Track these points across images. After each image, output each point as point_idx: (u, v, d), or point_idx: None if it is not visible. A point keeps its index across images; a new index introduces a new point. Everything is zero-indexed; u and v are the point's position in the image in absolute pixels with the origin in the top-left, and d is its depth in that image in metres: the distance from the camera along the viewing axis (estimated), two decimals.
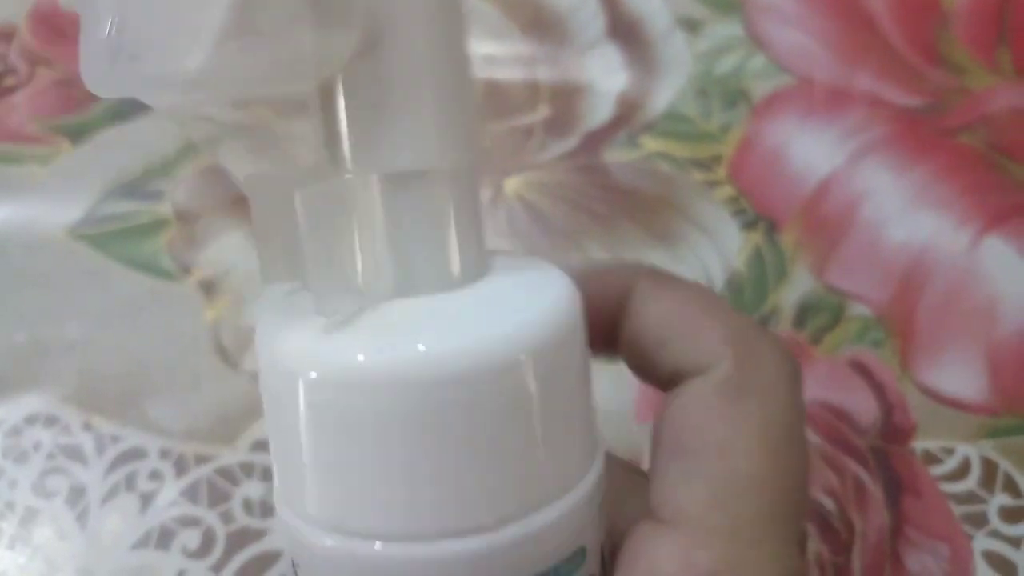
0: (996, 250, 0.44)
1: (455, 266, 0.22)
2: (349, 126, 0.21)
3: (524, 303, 0.21)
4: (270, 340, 0.21)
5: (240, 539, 0.39)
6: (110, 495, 0.39)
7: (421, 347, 0.19)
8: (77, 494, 0.40)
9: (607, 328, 0.25)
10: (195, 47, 0.17)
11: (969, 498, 0.39)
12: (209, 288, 0.44)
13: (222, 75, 0.18)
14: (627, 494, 0.24)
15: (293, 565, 0.21)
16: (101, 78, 0.18)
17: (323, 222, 0.20)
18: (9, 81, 0.50)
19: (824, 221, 0.46)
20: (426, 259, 0.21)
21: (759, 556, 0.21)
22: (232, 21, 0.17)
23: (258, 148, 0.21)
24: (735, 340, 0.23)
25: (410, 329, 0.20)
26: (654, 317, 0.24)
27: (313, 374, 0.20)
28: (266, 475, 0.40)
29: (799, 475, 0.23)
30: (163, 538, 0.39)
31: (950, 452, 0.40)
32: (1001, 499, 0.39)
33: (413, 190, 0.21)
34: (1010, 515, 0.39)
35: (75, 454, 0.40)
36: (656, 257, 0.45)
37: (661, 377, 0.24)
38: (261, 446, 0.40)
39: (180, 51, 0.17)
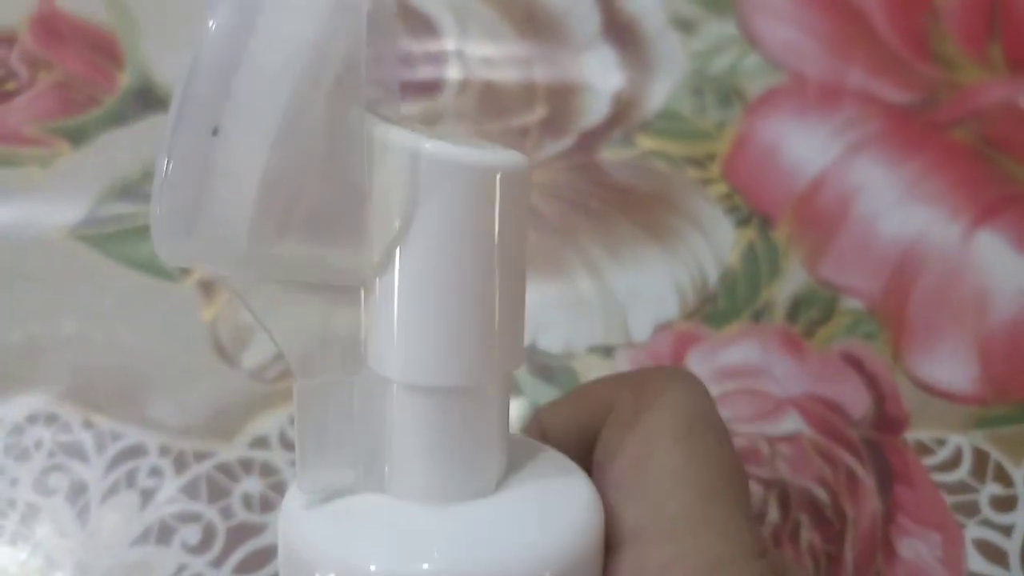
0: (987, 243, 0.44)
1: (473, 477, 0.22)
2: (372, 328, 0.21)
3: (544, 521, 0.21)
4: (285, 521, 0.22)
5: (240, 534, 0.39)
6: (111, 492, 0.40)
7: (425, 566, 0.20)
8: (78, 491, 0.40)
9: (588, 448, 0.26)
10: (235, 237, 0.18)
11: (961, 487, 0.40)
12: (207, 287, 0.44)
13: (264, 260, 0.19)
14: None
15: None
16: (167, 252, 0.19)
17: (320, 410, 0.21)
18: (10, 85, 0.50)
19: (817, 216, 0.46)
20: (441, 468, 0.21)
21: (704, 540, 0.22)
22: (261, 214, 0.18)
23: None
24: (623, 384, 0.25)
25: (422, 542, 0.20)
26: (564, 418, 0.26)
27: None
28: (265, 471, 0.40)
29: (719, 453, 0.24)
30: (163, 534, 0.39)
31: (942, 442, 0.41)
32: (992, 488, 0.40)
33: (431, 402, 0.21)
34: (1001, 504, 0.39)
35: (76, 451, 0.41)
36: (651, 253, 0.45)
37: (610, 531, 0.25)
38: (260, 442, 0.41)
39: (223, 238, 0.18)
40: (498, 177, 0.20)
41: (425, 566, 0.20)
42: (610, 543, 0.23)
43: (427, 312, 0.20)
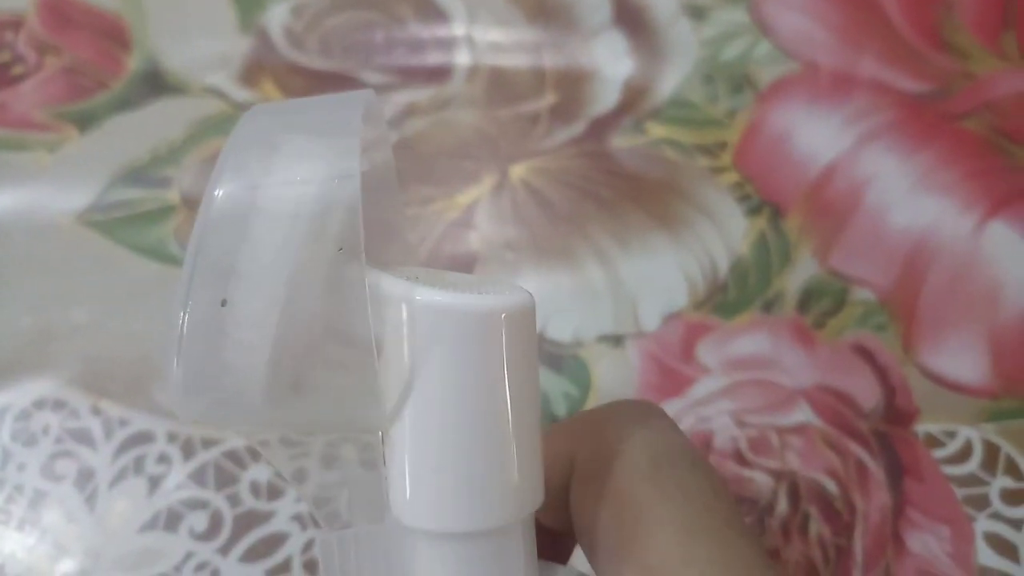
0: (1000, 234, 0.44)
1: None
2: (391, 476, 0.21)
3: None
4: None
5: (247, 521, 0.39)
6: (118, 478, 0.40)
7: None
8: (86, 477, 0.40)
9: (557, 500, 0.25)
10: (248, 400, 0.19)
11: (971, 480, 0.39)
12: None
13: (279, 419, 0.20)
14: None
15: None
16: (182, 409, 0.19)
17: (344, 561, 0.21)
18: (17, 70, 0.50)
19: (828, 206, 0.46)
20: None
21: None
22: (273, 379, 0.19)
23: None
24: (578, 434, 0.24)
25: None
26: (580, 525, 0.24)
27: None
28: None
29: (693, 482, 0.22)
30: (171, 520, 0.39)
31: (952, 435, 0.40)
32: (1003, 482, 0.39)
33: (452, 547, 0.21)
34: (1011, 497, 0.39)
35: (83, 438, 0.41)
36: (661, 242, 0.45)
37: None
38: None
39: (237, 401, 0.19)
40: (494, 320, 0.20)
41: None
42: None
43: (439, 458, 0.20)
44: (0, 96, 0.49)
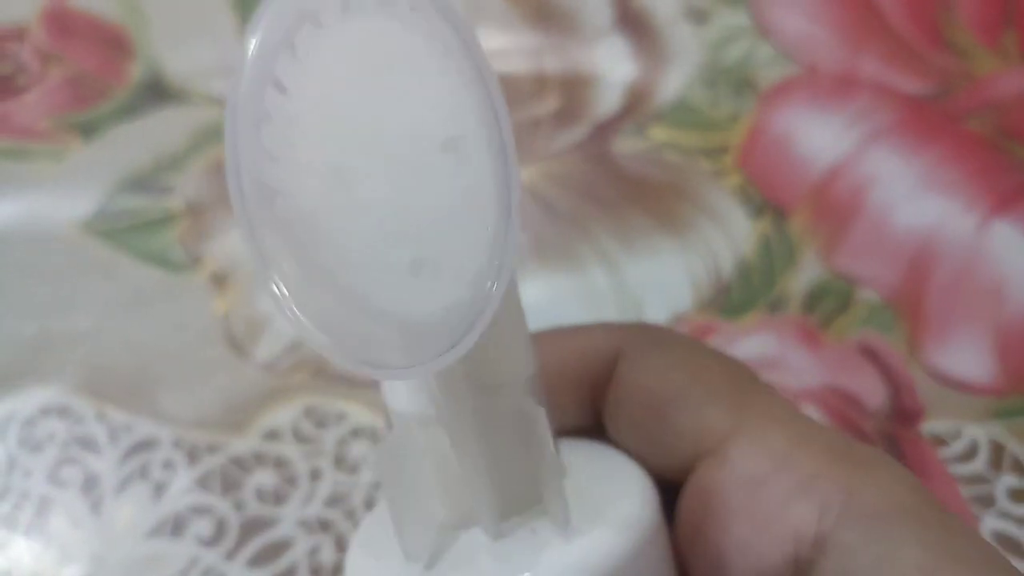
0: (1004, 233, 0.44)
1: (535, 488, 0.21)
2: None
3: (603, 533, 0.20)
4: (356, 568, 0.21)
5: (253, 526, 0.39)
6: (124, 484, 0.40)
7: None
8: (91, 483, 0.40)
9: (589, 391, 0.25)
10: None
11: (977, 479, 0.39)
12: (219, 280, 0.44)
13: None
14: None
15: None
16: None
17: (400, 469, 0.20)
18: (21, 80, 0.50)
19: (832, 207, 0.46)
20: (502, 487, 0.21)
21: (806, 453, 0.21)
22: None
23: None
24: (734, 420, 0.23)
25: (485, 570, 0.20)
26: (644, 384, 0.24)
27: None
28: (278, 464, 0.40)
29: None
30: (177, 526, 0.39)
31: (958, 434, 0.40)
32: (1009, 480, 0.39)
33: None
34: (1018, 495, 0.39)
35: (89, 444, 0.41)
36: (665, 245, 0.45)
37: (666, 453, 0.24)
38: (273, 435, 0.41)
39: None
40: None
41: None
42: (702, 448, 0.22)
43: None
44: (4, 106, 0.49)
